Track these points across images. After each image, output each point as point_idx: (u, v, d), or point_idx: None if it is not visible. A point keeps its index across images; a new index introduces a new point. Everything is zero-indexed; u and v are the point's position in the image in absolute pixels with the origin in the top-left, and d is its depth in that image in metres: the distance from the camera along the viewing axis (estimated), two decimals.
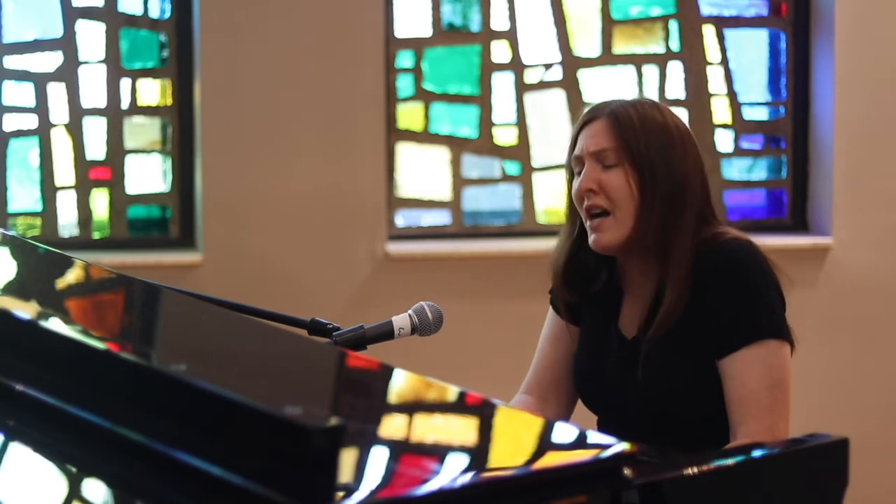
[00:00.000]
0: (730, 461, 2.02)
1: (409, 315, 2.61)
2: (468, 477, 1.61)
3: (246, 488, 1.47)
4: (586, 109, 2.64)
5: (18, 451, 1.83)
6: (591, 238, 2.57)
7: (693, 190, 2.57)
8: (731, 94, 5.15)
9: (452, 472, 1.61)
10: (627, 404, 2.60)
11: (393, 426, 1.75)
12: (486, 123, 4.99)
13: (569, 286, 2.69)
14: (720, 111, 5.15)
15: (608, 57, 5.06)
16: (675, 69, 5.11)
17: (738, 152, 5.19)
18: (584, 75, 5.03)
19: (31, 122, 4.74)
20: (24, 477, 1.75)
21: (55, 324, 2.01)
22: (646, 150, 2.54)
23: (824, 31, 5.04)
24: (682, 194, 2.55)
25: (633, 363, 2.59)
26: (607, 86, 5.05)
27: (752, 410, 2.48)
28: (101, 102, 4.77)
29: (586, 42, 5.05)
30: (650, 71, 5.09)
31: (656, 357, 2.55)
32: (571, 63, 5.03)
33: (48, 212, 4.76)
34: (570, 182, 2.64)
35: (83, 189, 4.76)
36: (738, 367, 2.50)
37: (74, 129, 4.75)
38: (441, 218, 4.99)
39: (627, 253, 2.60)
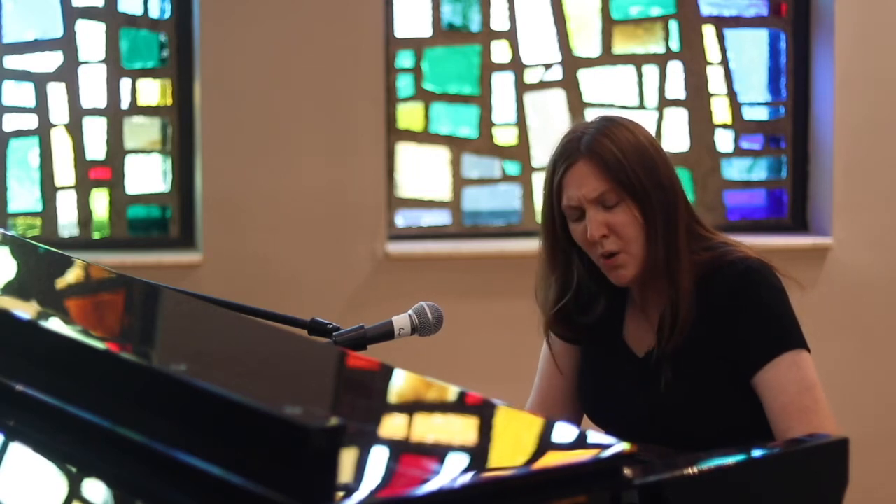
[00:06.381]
0: (730, 461, 2.03)
1: (409, 315, 2.61)
2: (468, 477, 1.61)
3: (246, 488, 1.47)
4: (557, 150, 2.60)
5: (18, 451, 1.83)
6: (613, 276, 2.58)
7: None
8: (731, 94, 5.15)
9: (452, 472, 1.61)
10: (639, 421, 2.60)
11: (393, 426, 1.75)
12: (486, 123, 4.99)
13: (564, 327, 2.71)
14: (720, 111, 5.15)
15: (608, 57, 5.06)
16: (675, 69, 5.10)
17: (738, 152, 5.18)
18: (584, 75, 5.03)
19: (31, 122, 4.74)
20: (24, 477, 1.74)
21: (55, 324, 2.01)
22: (637, 179, 2.55)
23: (824, 31, 5.04)
24: (674, 206, 2.58)
25: (648, 380, 2.59)
26: (607, 86, 5.06)
27: (797, 414, 2.51)
28: (101, 102, 4.76)
29: (586, 42, 5.05)
30: (650, 71, 5.09)
31: (676, 373, 2.56)
32: (571, 63, 5.03)
33: (48, 212, 4.75)
34: (549, 223, 2.63)
35: (83, 189, 4.76)
36: (773, 377, 2.52)
37: (74, 129, 4.75)
38: (441, 218, 4.99)
39: (641, 279, 2.61)
